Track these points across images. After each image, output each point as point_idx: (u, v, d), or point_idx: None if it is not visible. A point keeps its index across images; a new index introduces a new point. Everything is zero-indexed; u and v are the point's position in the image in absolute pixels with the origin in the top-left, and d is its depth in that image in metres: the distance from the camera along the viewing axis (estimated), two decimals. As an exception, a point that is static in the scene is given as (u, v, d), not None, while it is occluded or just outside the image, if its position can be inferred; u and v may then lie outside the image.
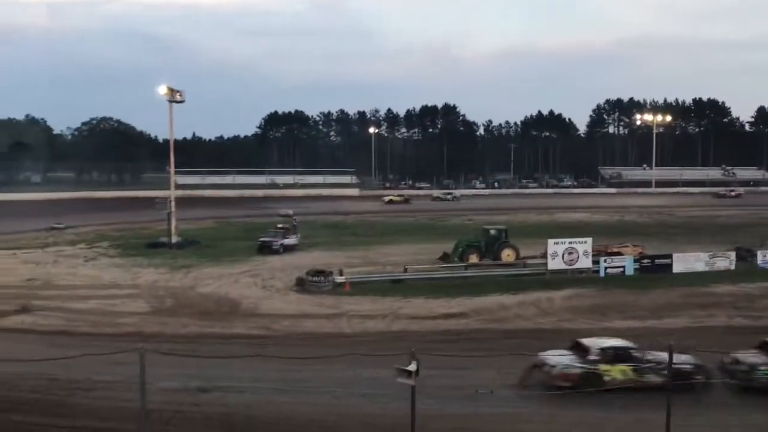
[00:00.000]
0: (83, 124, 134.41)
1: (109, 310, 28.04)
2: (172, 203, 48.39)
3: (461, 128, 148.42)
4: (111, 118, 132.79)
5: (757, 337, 19.09)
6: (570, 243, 35.41)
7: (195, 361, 18.31)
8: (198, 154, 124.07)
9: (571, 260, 34.77)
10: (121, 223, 60.81)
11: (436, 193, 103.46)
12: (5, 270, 37.29)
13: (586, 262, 35.06)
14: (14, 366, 19.25)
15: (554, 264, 34.61)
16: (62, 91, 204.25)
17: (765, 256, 36.91)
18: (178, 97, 47.94)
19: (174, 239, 46.77)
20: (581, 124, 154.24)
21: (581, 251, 35.01)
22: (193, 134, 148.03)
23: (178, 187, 55.42)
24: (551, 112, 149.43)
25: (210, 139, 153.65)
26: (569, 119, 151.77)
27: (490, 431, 15.50)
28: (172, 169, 52.49)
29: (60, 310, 27.99)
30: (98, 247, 46.72)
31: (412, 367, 10.45)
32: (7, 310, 27.55)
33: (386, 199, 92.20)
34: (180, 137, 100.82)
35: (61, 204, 76.39)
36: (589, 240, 36.09)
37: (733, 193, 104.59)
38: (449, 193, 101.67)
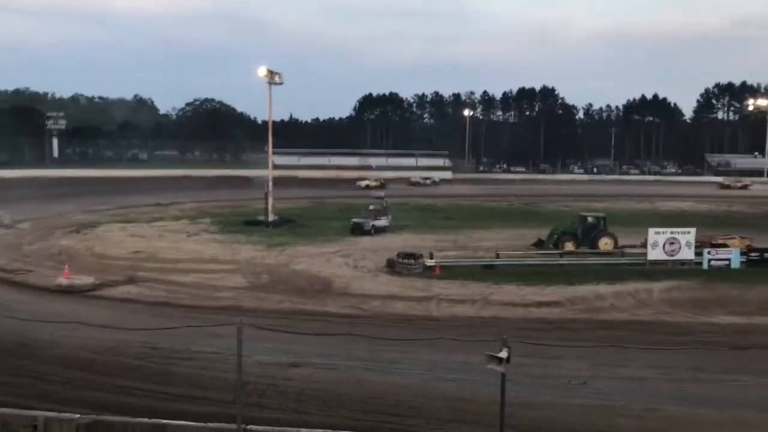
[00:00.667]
0: (187, 104, 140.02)
1: (208, 284, 29.18)
2: (270, 183, 49.70)
3: (560, 111, 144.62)
4: (213, 100, 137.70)
5: None
6: (672, 233, 33.90)
7: (288, 337, 18.79)
8: (295, 135, 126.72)
9: (673, 251, 33.29)
10: (222, 201, 63.07)
11: (414, 177, 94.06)
12: (115, 243, 39.47)
13: (688, 254, 33.48)
14: (121, 333, 20.38)
15: (654, 254, 33.25)
16: (168, 73, 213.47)
17: None
18: (277, 80, 49.03)
19: (271, 218, 48.10)
20: (687, 109, 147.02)
21: (683, 242, 33.45)
22: (291, 116, 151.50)
23: (276, 167, 56.76)
24: (655, 96, 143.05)
25: (306, 121, 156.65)
26: (674, 104, 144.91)
27: (582, 423, 15.08)
28: (270, 149, 53.83)
29: (163, 282, 29.37)
30: (200, 223, 48.65)
31: (503, 354, 10.25)
32: (116, 281, 29.20)
33: (363, 184, 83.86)
34: (278, 119, 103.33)
35: (166, 181, 79.93)
36: (693, 230, 34.41)
37: (739, 185, 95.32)
38: (427, 178, 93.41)
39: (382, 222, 45.27)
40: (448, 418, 14.98)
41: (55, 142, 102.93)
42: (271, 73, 48.45)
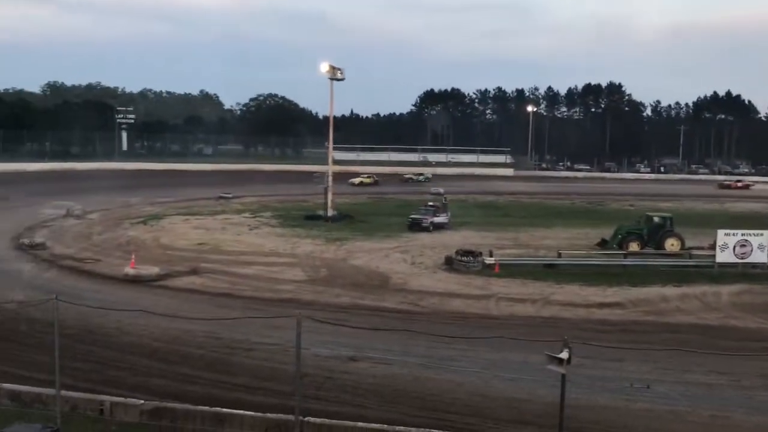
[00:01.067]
0: (251, 100, 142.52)
1: (268, 277, 29.62)
2: (330, 178, 50.12)
3: (626, 108, 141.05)
4: (276, 95, 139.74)
5: None
6: (743, 235, 32.58)
7: (347, 331, 18.88)
8: (355, 130, 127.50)
9: (744, 253, 31.98)
10: (282, 195, 64.00)
11: (407, 174, 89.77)
12: (180, 234, 40.49)
13: (760, 257, 32.08)
14: (184, 323, 20.92)
15: (723, 257, 31.99)
16: (233, 68, 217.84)
17: None
18: (338, 75, 49.32)
19: (330, 213, 48.51)
20: (763, 106, 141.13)
21: (756, 244, 32.07)
22: (351, 111, 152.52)
23: (336, 162, 57.18)
24: (728, 93, 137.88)
25: (367, 117, 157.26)
26: (749, 101, 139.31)
27: (644, 428, 14.66)
28: (331, 144, 54.27)
29: (225, 273, 29.96)
30: (261, 216, 49.47)
31: (564, 354, 10.04)
32: (180, 271, 29.95)
33: (356, 181, 79.81)
34: (339, 114, 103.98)
35: (229, 175, 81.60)
36: (766, 233, 33.00)
37: (740, 184, 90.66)
38: (420, 174, 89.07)
39: (441, 219, 45.03)
40: (505, 418, 14.79)
41: (124, 135, 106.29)
42: (333, 69, 48.78)
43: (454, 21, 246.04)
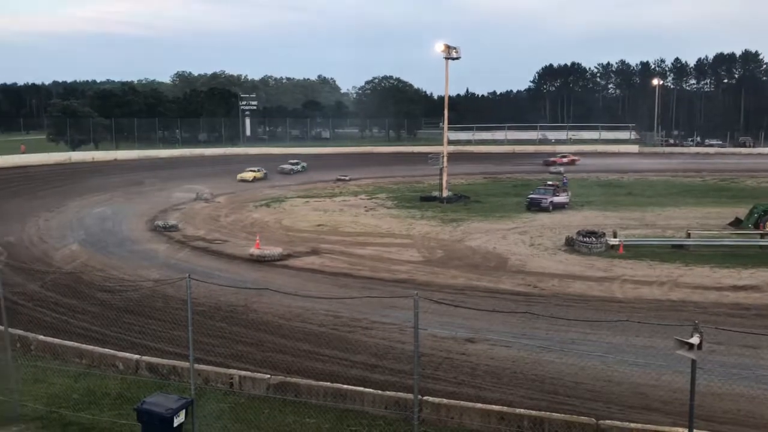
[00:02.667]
0: (366, 83, 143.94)
1: (385, 257, 30.00)
2: (445, 159, 49.93)
3: (764, 78, 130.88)
4: (391, 77, 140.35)
5: None
6: None
7: (463, 312, 18.84)
8: (470, 109, 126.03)
9: None
10: (398, 177, 64.47)
11: (283, 166, 69.25)
12: (300, 216, 41.78)
13: None
14: (306, 301, 21.63)
15: None
16: (349, 52, 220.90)
17: None
18: (454, 54, 48.82)
19: (445, 194, 48.39)
20: None
21: None
22: (467, 90, 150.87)
23: (451, 142, 56.83)
24: None
25: (483, 95, 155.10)
26: None
27: (785, 421, 13.68)
28: (446, 125, 53.93)
29: (343, 254, 30.64)
30: (377, 198, 50.13)
31: (695, 339, 9.49)
32: (301, 251, 30.94)
33: (248, 177, 61.78)
34: (454, 93, 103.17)
35: (346, 158, 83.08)
36: None
37: None
38: (297, 163, 70.88)
39: (561, 198, 43.80)
40: (630, 404, 14.25)
41: (247, 121, 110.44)
42: (448, 48, 48.36)
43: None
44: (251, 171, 62.89)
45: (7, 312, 13.34)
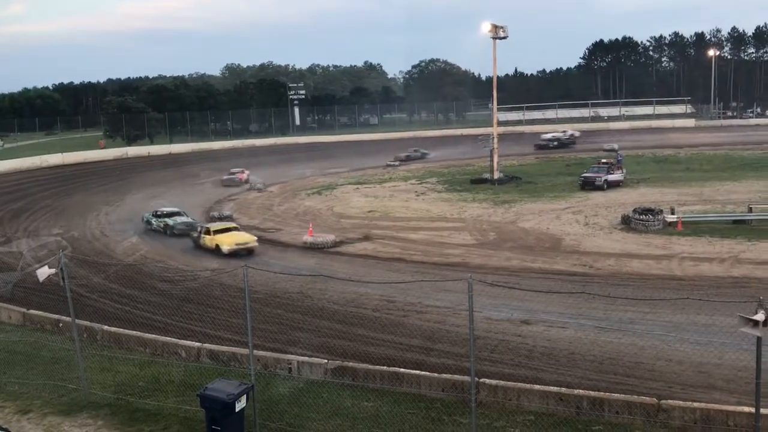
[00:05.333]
0: (413, 67, 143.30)
1: (437, 241, 29.96)
2: (495, 140, 49.43)
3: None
4: (438, 60, 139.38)
5: None
6: None
7: (518, 294, 18.69)
8: (520, 89, 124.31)
9: None
10: (448, 160, 64.16)
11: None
12: (351, 203, 42.04)
13: None
14: (360, 287, 21.82)
15: None
16: (395, 37, 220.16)
17: None
18: (501, 34, 48.18)
19: (496, 175, 47.97)
20: None
21: None
22: (515, 69, 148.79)
23: (500, 123, 56.17)
24: None
25: (532, 74, 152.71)
26: None
27: None
28: (495, 106, 53.36)
29: (396, 239, 30.73)
30: (427, 182, 50.01)
31: (760, 316, 9.22)
32: (353, 238, 31.16)
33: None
34: (502, 73, 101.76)
35: (395, 143, 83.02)
36: None
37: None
38: (234, 173, 54.20)
39: (616, 176, 42.91)
40: (692, 383, 13.96)
41: (296, 111, 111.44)
42: (495, 28, 47.72)
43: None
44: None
45: (73, 304, 13.84)
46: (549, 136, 74.92)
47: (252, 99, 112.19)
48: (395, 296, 21.09)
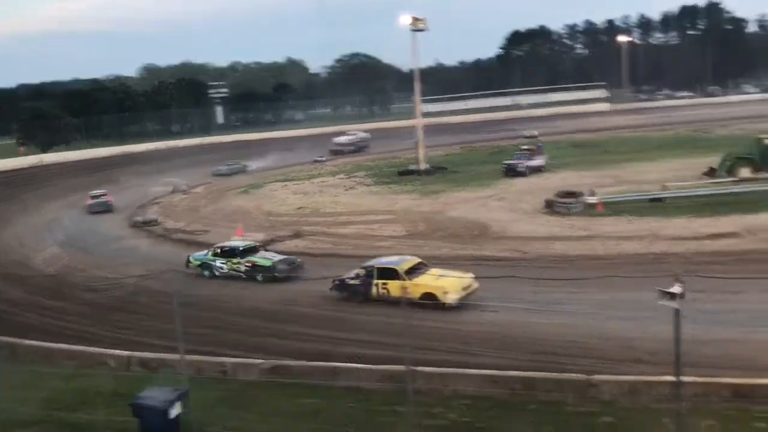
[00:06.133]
0: (335, 61, 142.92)
1: (368, 234, 30.06)
2: (420, 131, 49.91)
3: (728, 27, 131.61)
4: (360, 54, 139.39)
5: None
6: None
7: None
8: (442, 80, 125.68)
9: None
10: (374, 153, 64.40)
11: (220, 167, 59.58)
12: (280, 200, 41.68)
13: None
14: (294, 284, 21.71)
15: None
16: (316, 31, 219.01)
17: None
18: (420, 26, 48.57)
19: (423, 166, 48.47)
20: None
21: None
22: (437, 61, 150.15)
23: (424, 115, 56.71)
24: None
25: (452, 65, 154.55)
26: None
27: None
28: (417, 97, 53.80)
29: (327, 235, 30.66)
30: (356, 176, 50.07)
31: (676, 289, 9.69)
32: (283, 236, 30.91)
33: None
34: (424, 66, 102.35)
35: (320, 138, 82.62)
36: None
37: None
38: (98, 196, 45.49)
39: (537, 162, 44.06)
40: (620, 358, 14.53)
41: (219, 109, 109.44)
42: (415, 20, 48.08)
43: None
44: None
45: (-8, 320, 13.24)
46: (344, 139, 72.16)
47: (172, 99, 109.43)
48: (330, 292, 21.02)
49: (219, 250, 24.98)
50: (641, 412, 11.55)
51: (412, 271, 19.94)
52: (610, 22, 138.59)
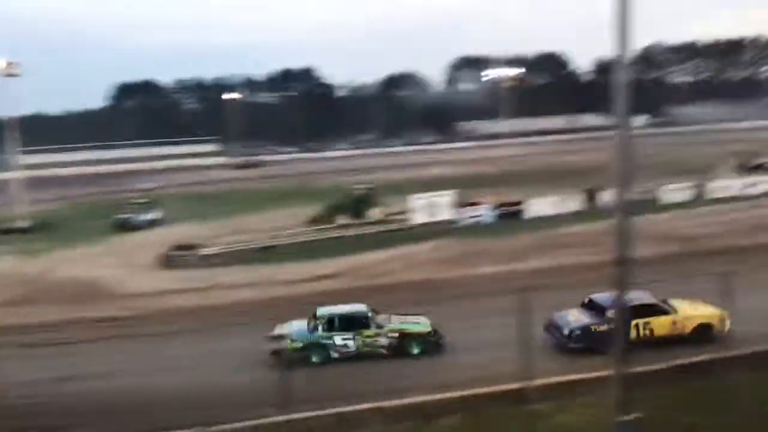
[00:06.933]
0: None
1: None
2: (18, 186, 45.21)
3: (321, 91, 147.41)
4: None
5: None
6: (432, 197, 37.00)
7: (61, 350, 17.47)
8: (46, 130, 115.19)
9: (434, 213, 36.36)
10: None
11: None
12: None
13: (449, 215, 36.71)
14: None
15: (420, 218, 36.12)
16: None
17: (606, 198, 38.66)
18: (13, 71, 44.46)
19: (25, 223, 43.90)
20: (437, 80, 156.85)
21: (443, 204, 36.75)
22: (38, 111, 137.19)
23: (28, 167, 51.49)
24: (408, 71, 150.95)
25: (58, 115, 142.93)
26: (424, 77, 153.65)
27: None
28: (12, 149, 48.73)
29: None
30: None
31: (278, 330, 10.62)
32: None
33: None
34: (23, 113, 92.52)
35: None
36: (451, 193, 37.64)
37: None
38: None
39: (153, 215, 43.35)
40: (242, 403, 14.96)
41: None
42: (8, 64, 43.77)
43: (157, 13, 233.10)
44: None
45: None
46: None
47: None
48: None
49: (329, 319, 16.85)
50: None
51: None
52: (219, 80, 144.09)
